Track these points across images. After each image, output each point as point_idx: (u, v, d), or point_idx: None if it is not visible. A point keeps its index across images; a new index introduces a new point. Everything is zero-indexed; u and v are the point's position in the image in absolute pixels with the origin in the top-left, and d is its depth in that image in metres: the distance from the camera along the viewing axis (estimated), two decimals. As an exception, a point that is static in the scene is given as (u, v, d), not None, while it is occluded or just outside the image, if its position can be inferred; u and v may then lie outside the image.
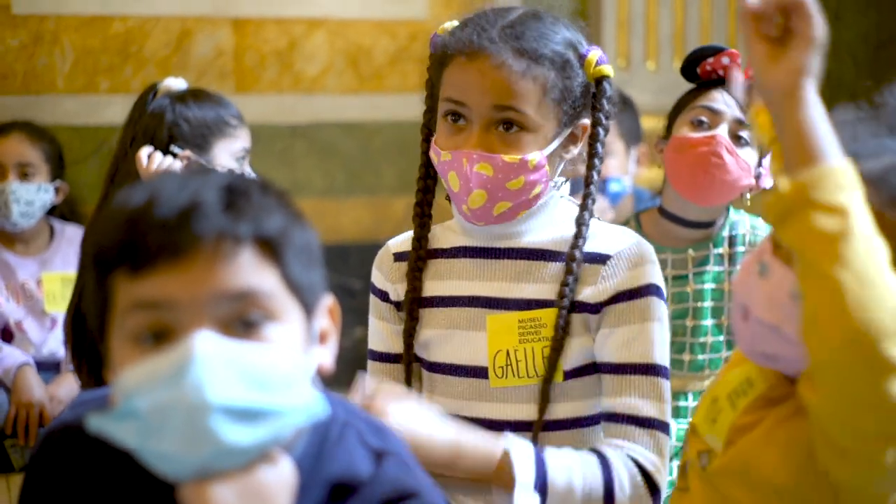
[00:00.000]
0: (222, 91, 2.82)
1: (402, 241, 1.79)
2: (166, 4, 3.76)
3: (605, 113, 1.69)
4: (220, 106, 2.51)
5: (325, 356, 1.14)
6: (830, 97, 1.25)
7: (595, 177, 1.69)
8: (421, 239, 1.75)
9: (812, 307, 1.18)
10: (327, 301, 1.15)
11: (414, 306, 1.72)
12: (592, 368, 1.68)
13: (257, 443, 1.03)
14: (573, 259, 1.64)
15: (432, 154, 1.69)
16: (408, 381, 1.76)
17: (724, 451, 1.37)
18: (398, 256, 1.77)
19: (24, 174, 3.23)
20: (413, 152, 1.80)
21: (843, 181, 1.18)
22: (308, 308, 1.10)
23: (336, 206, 3.97)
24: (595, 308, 1.64)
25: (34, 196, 3.22)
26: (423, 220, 1.76)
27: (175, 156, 2.41)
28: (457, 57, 1.65)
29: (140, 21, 3.74)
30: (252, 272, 1.04)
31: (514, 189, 1.63)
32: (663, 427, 1.64)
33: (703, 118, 2.25)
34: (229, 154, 2.49)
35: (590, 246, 1.66)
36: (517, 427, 1.66)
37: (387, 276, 1.78)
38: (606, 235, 1.68)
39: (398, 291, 1.76)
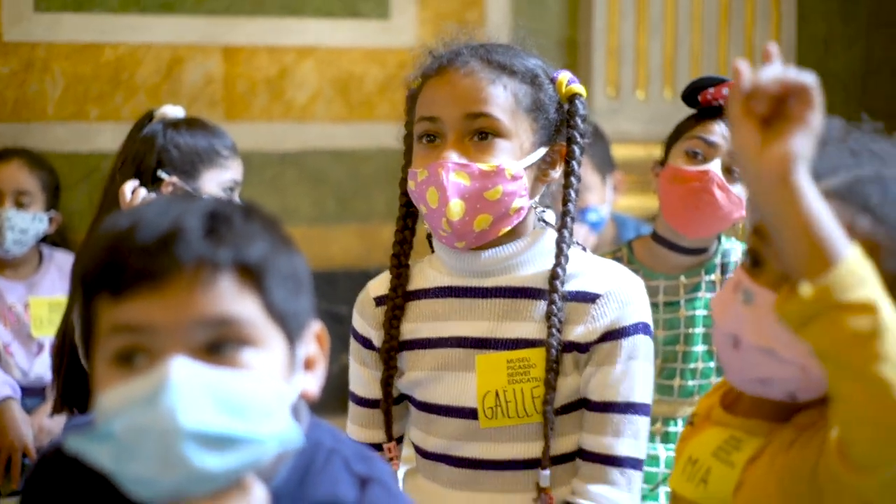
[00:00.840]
0: (212, 119, 2.81)
1: (382, 282, 1.76)
2: (157, 32, 3.76)
3: (580, 131, 1.69)
4: (213, 136, 2.47)
5: (311, 383, 1.13)
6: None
7: (572, 195, 1.68)
8: (397, 288, 1.72)
9: (856, 407, 1.12)
10: (315, 327, 1.14)
11: (391, 354, 1.70)
12: (581, 403, 1.68)
13: (229, 469, 1.03)
14: (555, 290, 1.62)
15: (409, 181, 1.66)
16: (387, 427, 1.74)
17: (736, 494, 1.34)
18: (379, 301, 1.74)
19: (21, 203, 3.21)
20: (403, 180, 1.79)
21: (862, 273, 1.10)
22: (292, 335, 1.09)
23: (326, 233, 3.96)
24: (585, 347, 1.64)
25: (29, 224, 3.20)
26: (399, 270, 1.73)
27: (161, 181, 2.38)
28: (427, 80, 1.66)
29: (131, 49, 3.74)
30: (231, 299, 1.04)
31: (492, 200, 1.60)
32: (637, 464, 1.65)
33: (698, 150, 2.24)
34: (217, 184, 2.43)
35: (579, 284, 1.65)
36: (509, 466, 1.66)
37: (369, 322, 1.75)
38: (595, 272, 1.66)
39: (381, 338, 1.73)
